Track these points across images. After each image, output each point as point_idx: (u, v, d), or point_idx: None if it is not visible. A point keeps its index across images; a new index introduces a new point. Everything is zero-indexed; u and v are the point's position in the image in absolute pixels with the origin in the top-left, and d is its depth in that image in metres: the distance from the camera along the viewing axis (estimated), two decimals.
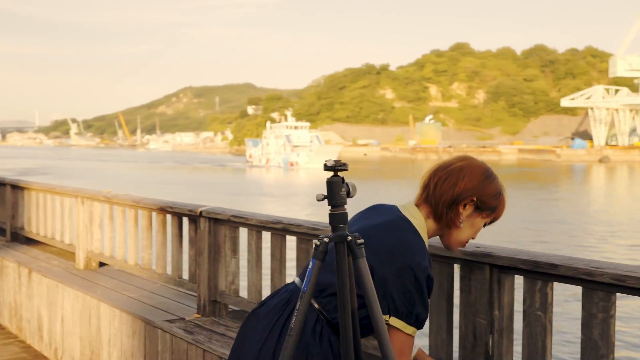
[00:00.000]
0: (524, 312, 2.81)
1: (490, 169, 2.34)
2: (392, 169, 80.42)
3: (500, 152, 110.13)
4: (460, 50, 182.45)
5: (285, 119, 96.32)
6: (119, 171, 67.15)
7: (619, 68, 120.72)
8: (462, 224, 2.29)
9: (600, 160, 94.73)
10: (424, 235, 2.25)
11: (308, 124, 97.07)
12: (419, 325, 2.14)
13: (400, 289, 2.11)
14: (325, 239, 1.97)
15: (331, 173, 1.99)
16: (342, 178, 1.96)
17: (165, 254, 5.43)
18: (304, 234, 3.95)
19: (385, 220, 2.22)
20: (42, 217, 7.57)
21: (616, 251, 19.06)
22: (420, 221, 2.26)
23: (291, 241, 4.21)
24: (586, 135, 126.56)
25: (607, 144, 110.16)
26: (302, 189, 44.07)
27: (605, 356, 2.50)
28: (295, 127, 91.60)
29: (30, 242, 7.94)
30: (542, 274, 2.73)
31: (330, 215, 1.98)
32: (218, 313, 4.83)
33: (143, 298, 5.40)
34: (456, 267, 3.13)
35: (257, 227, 4.38)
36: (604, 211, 29.84)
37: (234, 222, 4.59)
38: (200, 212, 4.77)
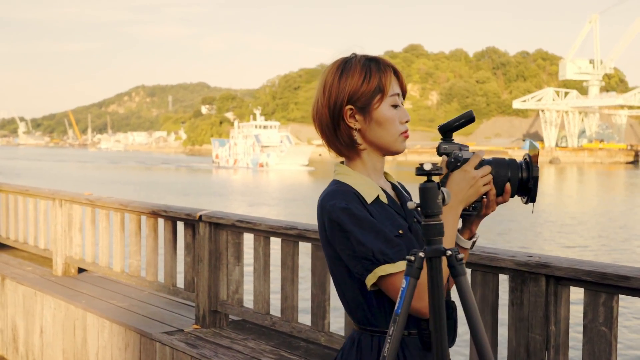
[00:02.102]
0: (585, 327, 2.62)
1: (345, 58, 1.88)
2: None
3: None
4: (414, 51, 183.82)
5: (254, 118, 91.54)
6: (76, 172, 65.25)
7: (569, 71, 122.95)
8: (359, 141, 1.85)
9: (551, 162, 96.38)
10: (354, 178, 1.85)
11: (278, 123, 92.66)
12: (387, 258, 1.74)
13: (340, 246, 1.78)
14: (421, 254, 1.72)
15: (424, 178, 1.74)
16: (438, 184, 1.71)
17: (157, 261, 5.13)
18: None
19: None
20: (12, 220, 7.15)
21: (556, 251, 19.19)
22: (343, 168, 1.89)
23: (304, 248, 3.97)
24: (537, 137, 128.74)
25: (557, 145, 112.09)
26: (275, 191, 43.36)
27: None
28: (265, 127, 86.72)
29: None
30: (607, 285, 2.54)
31: (424, 227, 1.73)
32: (219, 324, 4.55)
33: (133, 307, 5.08)
34: (503, 278, 2.94)
35: (266, 232, 4.12)
36: (550, 212, 30.16)
37: (238, 227, 4.31)
38: (200, 216, 4.49)
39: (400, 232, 1.84)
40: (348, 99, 1.84)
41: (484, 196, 1.84)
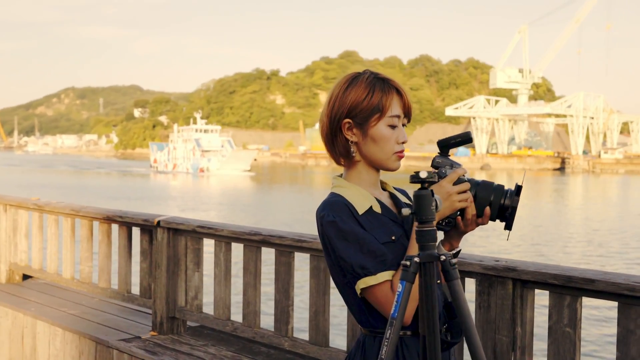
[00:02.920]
0: (550, 328, 2.74)
1: (357, 73, 1.94)
2: (285, 173, 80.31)
3: None
4: (349, 58, 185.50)
5: (194, 121, 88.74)
6: (5, 176, 62.82)
7: (499, 80, 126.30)
8: (354, 154, 1.92)
9: (482, 168, 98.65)
10: (349, 190, 1.92)
11: (219, 127, 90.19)
12: (366, 271, 1.81)
13: (327, 258, 1.90)
14: (416, 259, 1.78)
15: (418, 185, 1.81)
16: (432, 191, 1.78)
17: (110, 267, 5.05)
18: (287, 246, 3.74)
19: None
20: None
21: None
22: (339, 181, 1.97)
23: (267, 253, 3.99)
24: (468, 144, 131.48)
25: (488, 152, 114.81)
26: (216, 197, 42.66)
27: None
28: (205, 131, 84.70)
29: None
30: (572, 288, 2.66)
31: (418, 233, 1.79)
32: (176, 330, 4.52)
33: (86, 315, 4.98)
34: (470, 282, 3.03)
35: (228, 238, 4.12)
36: None
37: (199, 232, 4.30)
38: (158, 222, 4.45)
39: (393, 238, 1.90)
40: (347, 113, 1.91)
41: (459, 213, 1.89)
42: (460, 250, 2.01)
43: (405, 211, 1.80)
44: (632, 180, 75.48)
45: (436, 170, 1.89)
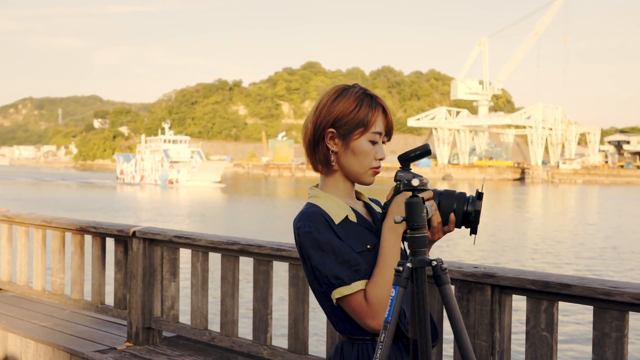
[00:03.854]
0: (527, 332, 2.82)
1: (347, 85, 2.01)
2: (247, 184, 79.96)
3: None
4: (312, 69, 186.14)
5: (163, 132, 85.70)
6: None
7: (460, 91, 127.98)
8: (334, 163, 1.98)
9: (444, 178, 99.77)
10: (325, 200, 1.98)
11: (188, 138, 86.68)
12: (340, 282, 1.86)
13: (304, 267, 1.95)
14: (409, 265, 1.84)
15: (410, 193, 1.88)
16: (423, 199, 1.85)
17: (83, 278, 5.02)
18: (265, 255, 3.77)
19: None
20: None
21: None
22: (315, 191, 2.03)
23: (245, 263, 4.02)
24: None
25: (449, 162, 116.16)
26: (186, 208, 41.88)
27: None
28: (174, 141, 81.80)
29: None
30: (549, 293, 2.74)
31: (410, 239, 1.86)
32: (152, 341, 4.51)
33: (58, 327, 4.94)
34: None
35: (205, 248, 4.13)
36: None
37: (175, 242, 4.30)
38: (134, 232, 4.44)
39: (368, 247, 1.96)
40: (333, 122, 1.97)
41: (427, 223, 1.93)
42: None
43: (397, 218, 1.86)
44: (589, 190, 77.02)
45: (425, 181, 1.94)
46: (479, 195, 1.93)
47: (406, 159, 1.95)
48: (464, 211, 1.93)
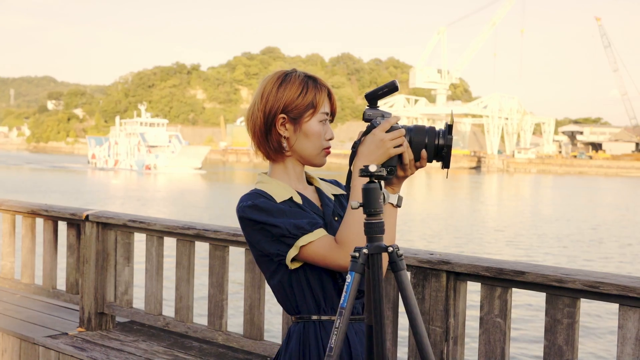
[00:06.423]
0: (481, 319, 2.85)
1: (286, 71, 2.02)
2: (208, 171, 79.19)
3: None
4: (271, 54, 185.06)
5: (139, 114, 79.05)
6: None
7: (418, 79, 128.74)
8: (286, 149, 2.00)
9: None
10: (270, 184, 2.00)
11: (166, 120, 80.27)
12: (303, 231, 1.88)
13: (257, 237, 1.92)
14: (365, 250, 1.83)
15: (367, 179, 1.86)
16: (380, 185, 1.84)
17: (34, 262, 4.91)
18: (221, 240, 3.73)
19: None
20: None
21: None
22: (262, 177, 2.05)
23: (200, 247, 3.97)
24: None
25: None
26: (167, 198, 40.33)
27: None
28: (151, 124, 75.50)
29: None
30: (503, 280, 2.77)
31: (367, 225, 1.84)
32: (105, 326, 4.44)
33: (8, 311, 4.83)
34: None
35: (160, 232, 4.08)
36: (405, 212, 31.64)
37: (130, 227, 4.23)
38: (87, 216, 4.36)
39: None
40: (283, 109, 1.98)
41: (399, 160, 1.93)
42: (401, 196, 2.04)
43: (354, 203, 1.85)
44: (543, 179, 78.43)
45: (381, 167, 1.91)
46: (449, 129, 1.92)
47: (374, 97, 1.97)
48: (435, 145, 1.92)
